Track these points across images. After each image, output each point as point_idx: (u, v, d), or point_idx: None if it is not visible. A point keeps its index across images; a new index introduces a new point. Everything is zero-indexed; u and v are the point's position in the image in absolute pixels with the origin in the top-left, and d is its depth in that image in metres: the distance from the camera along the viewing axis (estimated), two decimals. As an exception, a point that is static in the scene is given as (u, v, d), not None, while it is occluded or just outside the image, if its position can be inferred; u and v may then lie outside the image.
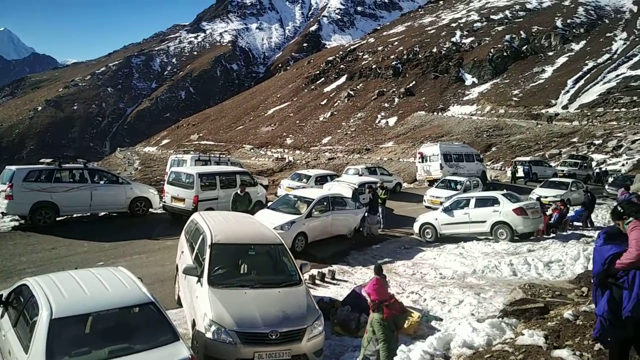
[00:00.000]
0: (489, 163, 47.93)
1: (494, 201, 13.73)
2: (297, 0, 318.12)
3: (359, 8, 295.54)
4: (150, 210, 15.63)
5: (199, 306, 6.01)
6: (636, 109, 59.66)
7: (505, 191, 14.84)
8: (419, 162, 26.64)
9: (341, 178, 19.86)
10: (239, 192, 13.01)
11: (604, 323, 3.72)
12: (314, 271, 10.25)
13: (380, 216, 15.47)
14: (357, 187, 16.18)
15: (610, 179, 27.33)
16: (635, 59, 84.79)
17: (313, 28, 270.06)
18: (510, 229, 13.14)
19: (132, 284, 5.13)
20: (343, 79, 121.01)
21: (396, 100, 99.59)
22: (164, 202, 15.23)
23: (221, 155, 21.83)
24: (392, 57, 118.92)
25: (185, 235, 8.49)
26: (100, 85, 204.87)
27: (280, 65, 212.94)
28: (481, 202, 13.93)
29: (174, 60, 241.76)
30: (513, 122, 68.03)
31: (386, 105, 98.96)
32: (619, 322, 3.60)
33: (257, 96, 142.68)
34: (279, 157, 73.15)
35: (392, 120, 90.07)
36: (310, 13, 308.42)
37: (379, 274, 8.26)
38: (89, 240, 12.22)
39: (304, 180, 20.51)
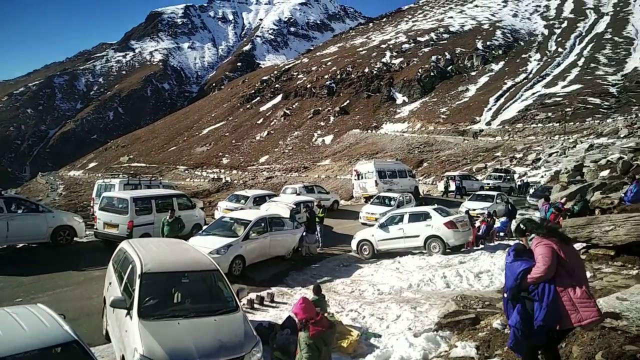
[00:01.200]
0: (421, 178, 49.73)
1: (426, 216, 14.23)
2: (229, 20, 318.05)
3: (292, 29, 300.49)
4: (76, 239, 14.70)
5: (129, 341, 5.67)
6: (551, 124, 64.78)
7: (436, 206, 15.42)
8: (355, 179, 27.15)
9: (278, 198, 19.76)
10: (168, 217, 12.58)
11: (517, 334, 3.98)
12: (253, 295, 10.04)
13: (319, 235, 15.51)
14: (293, 206, 16.15)
15: (531, 190, 29.09)
16: (548, 78, 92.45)
17: (247, 48, 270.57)
18: (443, 242, 13.63)
19: (52, 322, 4.74)
20: (279, 98, 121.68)
21: (332, 118, 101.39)
22: (96, 229, 14.54)
23: (152, 178, 21.03)
24: (326, 76, 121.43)
25: (113, 265, 8.04)
26: (19, 107, 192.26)
27: (214, 84, 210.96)
28: (414, 217, 14.37)
29: (100, 79, 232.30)
30: (442, 138, 71.27)
31: (322, 123, 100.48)
32: (531, 331, 3.87)
33: (190, 116, 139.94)
34: (215, 177, 71.79)
35: (328, 139, 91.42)
36: (243, 33, 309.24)
37: (318, 294, 8.26)
38: (4, 275, 11.24)
39: (242, 201, 20.22)
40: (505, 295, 4.06)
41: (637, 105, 66.41)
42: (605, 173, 24.09)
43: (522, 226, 4.25)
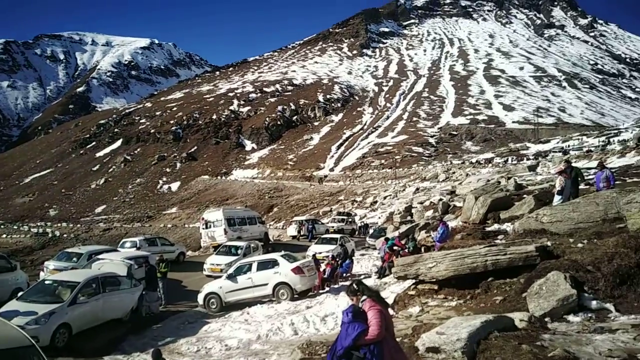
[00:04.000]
0: (272, 223, 50.33)
1: (274, 263, 14.25)
2: (60, 60, 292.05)
3: (134, 72, 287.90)
4: None
5: None
6: (384, 170, 71.91)
7: (283, 252, 15.59)
8: (203, 228, 26.18)
9: (111, 254, 17.68)
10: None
11: None
12: (80, 368, 8.76)
13: (161, 292, 14.41)
14: (131, 262, 14.78)
15: (371, 231, 31.29)
16: (380, 130, 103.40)
17: (80, 89, 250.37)
18: (290, 289, 13.73)
19: None
20: (118, 143, 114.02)
21: (178, 165, 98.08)
22: None
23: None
24: (171, 122, 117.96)
25: None
26: None
27: (39, 127, 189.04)
28: (262, 265, 14.28)
29: None
30: (291, 183, 73.76)
31: (168, 170, 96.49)
32: None
33: (9, 162, 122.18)
34: (40, 231, 62.78)
35: (175, 185, 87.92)
36: (76, 74, 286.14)
37: (157, 358, 7.56)
38: None
39: (75, 258, 17.68)
40: (338, 352, 4.23)
41: (451, 154, 77.77)
42: (429, 213, 27.20)
43: (354, 286, 4.51)
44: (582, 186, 12.41)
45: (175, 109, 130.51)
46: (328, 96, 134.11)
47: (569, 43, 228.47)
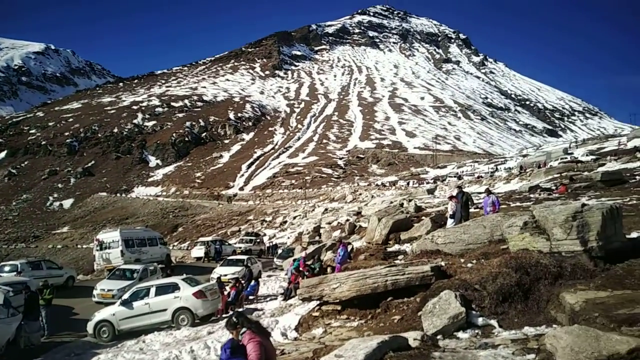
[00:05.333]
0: (175, 243, 48.24)
1: (174, 287, 13.55)
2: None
3: (24, 78, 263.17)
4: None
5: None
6: (295, 190, 72.43)
7: (185, 275, 14.92)
8: (97, 249, 24.29)
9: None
10: None
11: None
12: None
13: (44, 321, 13.03)
14: (8, 289, 13.24)
15: (279, 251, 31.12)
16: (291, 150, 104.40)
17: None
18: (191, 314, 13.11)
19: None
20: (2, 154, 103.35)
21: (72, 180, 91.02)
22: None
23: None
24: (66, 133, 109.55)
25: None
26: None
27: None
28: (162, 290, 13.51)
29: None
30: (197, 202, 71.54)
31: (60, 185, 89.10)
32: None
33: None
34: None
35: (67, 203, 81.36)
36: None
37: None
38: None
39: (-64, 286, 15.46)
40: None
41: (358, 176, 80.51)
42: (337, 233, 27.76)
43: (233, 319, 4.43)
44: (472, 209, 13.44)
45: (71, 119, 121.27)
46: (239, 114, 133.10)
47: (463, 77, 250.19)
